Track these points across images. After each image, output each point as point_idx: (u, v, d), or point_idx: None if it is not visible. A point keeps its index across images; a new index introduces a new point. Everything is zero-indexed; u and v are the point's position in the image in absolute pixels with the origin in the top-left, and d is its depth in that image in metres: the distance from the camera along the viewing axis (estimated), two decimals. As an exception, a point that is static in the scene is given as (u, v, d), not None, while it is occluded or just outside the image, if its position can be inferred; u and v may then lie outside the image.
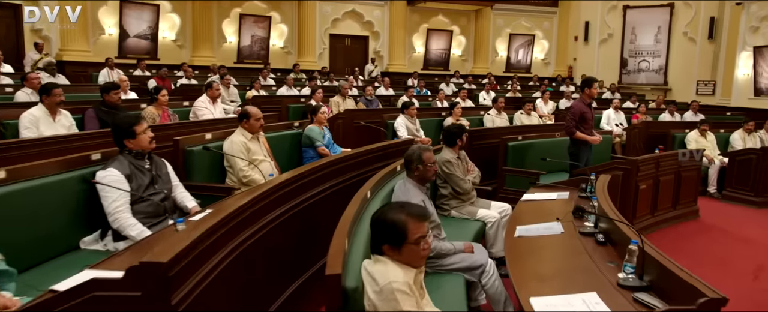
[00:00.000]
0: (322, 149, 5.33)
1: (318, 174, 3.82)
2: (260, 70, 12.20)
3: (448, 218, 4.49)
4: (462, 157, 4.76)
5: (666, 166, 6.04)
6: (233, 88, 8.90)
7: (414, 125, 6.98)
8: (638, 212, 5.70)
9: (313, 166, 3.82)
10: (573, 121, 5.71)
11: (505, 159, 6.19)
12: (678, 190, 6.30)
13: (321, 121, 5.58)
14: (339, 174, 4.21)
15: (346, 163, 4.32)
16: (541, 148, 6.53)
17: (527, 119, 8.47)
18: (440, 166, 4.51)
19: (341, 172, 4.24)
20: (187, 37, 14.03)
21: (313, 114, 5.54)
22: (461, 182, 4.48)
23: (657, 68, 16.41)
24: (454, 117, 7.59)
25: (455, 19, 17.95)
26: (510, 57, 18.65)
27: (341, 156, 4.37)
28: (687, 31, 15.77)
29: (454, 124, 4.63)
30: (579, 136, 5.71)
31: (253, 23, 15.15)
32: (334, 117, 7.45)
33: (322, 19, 15.99)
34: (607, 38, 17.14)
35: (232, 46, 14.94)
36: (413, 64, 17.47)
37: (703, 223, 6.52)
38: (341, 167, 4.24)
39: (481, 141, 6.53)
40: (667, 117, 9.97)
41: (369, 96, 8.71)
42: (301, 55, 15.65)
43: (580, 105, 5.78)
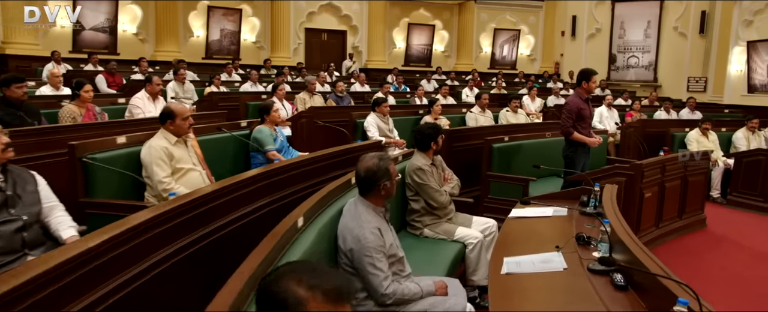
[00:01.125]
0: (272, 154, 4.49)
1: (249, 187, 2.99)
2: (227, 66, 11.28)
3: (420, 239, 3.68)
4: (437, 164, 3.95)
5: (672, 170, 5.30)
6: (189, 85, 8.01)
7: (386, 124, 6.16)
8: (642, 224, 4.95)
9: (242, 179, 2.98)
10: (570, 119, 4.94)
11: (490, 163, 5.40)
12: (684, 197, 5.57)
13: (274, 121, 4.73)
14: (282, 186, 3.38)
15: (293, 172, 3.49)
16: (531, 150, 5.76)
17: (514, 117, 7.70)
18: (410, 174, 3.70)
19: (285, 183, 3.40)
20: (149, 30, 13.06)
21: (265, 113, 4.69)
22: (436, 194, 3.67)
23: (647, 64, 15.79)
24: (432, 115, 6.79)
25: (437, 13, 17.17)
26: (495, 53, 17.92)
27: (285, 164, 3.53)
28: (677, 25, 15.17)
29: (427, 124, 3.83)
30: (577, 137, 4.95)
31: (223, 16, 14.21)
32: (296, 116, 6.61)
33: (296, 13, 15.10)
34: (594, 33, 16.49)
35: (199, 41, 13.99)
36: (394, 60, 16.66)
37: (711, 234, 5.80)
38: (285, 178, 3.41)
39: (463, 143, 5.73)
40: (663, 115, 9.27)
41: (340, 93, 7.87)
42: (275, 51, 14.75)
43: (577, 101, 5.01)
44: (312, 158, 3.85)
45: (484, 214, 5.37)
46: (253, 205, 3.13)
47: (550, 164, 5.79)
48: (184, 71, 7.76)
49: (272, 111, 4.68)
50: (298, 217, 2.16)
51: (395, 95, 9.56)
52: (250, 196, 3.12)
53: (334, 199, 2.71)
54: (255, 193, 3.17)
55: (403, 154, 4.02)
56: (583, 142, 5.00)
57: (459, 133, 5.73)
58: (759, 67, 13.18)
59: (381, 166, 2.48)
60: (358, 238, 2.34)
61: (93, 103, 4.99)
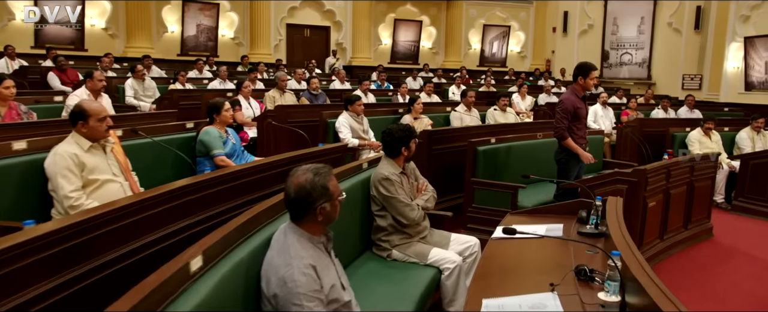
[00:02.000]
0: (220, 159, 3.87)
1: (171, 202, 2.37)
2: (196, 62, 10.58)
3: (387, 263, 3.08)
4: (409, 172, 3.35)
5: (678, 175, 4.74)
6: (150, 82, 7.38)
7: (360, 125, 5.56)
8: (646, 238, 4.38)
9: (161, 191, 2.37)
10: (564, 119, 4.36)
11: (474, 168, 4.81)
12: (690, 205, 5.01)
13: (225, 122, 4.11)
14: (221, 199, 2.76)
15: (234, 182, 2.88)
16: (521, 153, 5.18)
17: (502, 117, 7.12)
18: (375, 185, 3.10)
19: (224, 196, 2.79)
20: (120, 25, 12.35)
21: (214, 112, 4.07)
22: (406, 209, 3.07)
23: (640, 61, 15.30)
24: (413, 114, 6.19)
25: (425, 9, 16.57)
26: (484, 50, 17.37)
27: (222, 173, 2.91)
28: (672, 21, 14.69)
29: (397, 125, 3.24)
30: (570, 146, 4.37)
31: (199, 11, 13.53)
32: (262, 116, 5.99)
33: (277, 8, 14.45)
34: (587, 29, 15.97)
35: (174, 37, 13.30)
36: (379, 57, 16.06)
37: (719, 245, 5.25)
38: (225, 189, 2.80)
39: (444, 145, 5.14)
40: (660, 113, 8.74)
41: (314, 90, 7.25)
42: (254, 47, 14.09)
43: (573, 98, 4.43)
44: (259, 166, 3.25)
45: (469, 225, 4.81)
46: (175, 225, 2.51)
47: (542, 169, 5.23)
48: (142, 67, 7.12)
49: (223, 110, 4.07)
50: (193, 256, 1.54)
51: (377, 93, 8.96)
52: (173, 213, 2.51)
53: (263, 224, 2.09)
54: (180, 210, 2.56)
55: (369, 160, 3.41)
56: (579, 141, 4.43)
57: (440, 134, 5.13)
58: (757, 63, 12.72)
59: (317, 182, 1.86)
60: (284, 280, 1.73)
61: (18, 101, 4.34)
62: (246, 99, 6.44)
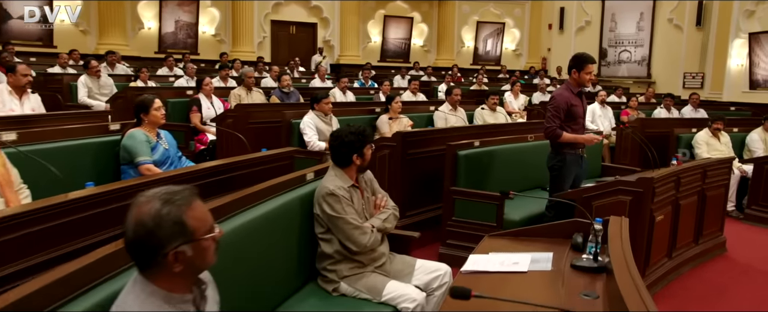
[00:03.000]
0: (145, 167, 3.24)
1: (52, 222, 1.75)
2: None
3: (333, 298, 2.46)
4: (364, 184, 2.72)
5: (688, 183, 4.12)
6: (107, 79, 6.76)
7: (329, 126, 4.93)
8: (653, 257, 3.76)
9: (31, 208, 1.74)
10: (556, 118, 3.75)
11: (455, 175, 4.19)
12: (702, 217, 4.39)
13: (156, 123, 3.48)
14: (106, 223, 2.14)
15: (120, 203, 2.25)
16: (509, 157, 4.56)
17: (491, 117, 6.50)
18: (318, 202, 2.48)
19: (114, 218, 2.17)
20: (92, 21, 11.70)
21: (141, 111, 3.44)
22: (355, 233, 2.45)
23: (639, 59, 14.69)
24: (390, 114, 5.57)
25: (416, 5, 15.95)
26: (477, 48, 16.76)
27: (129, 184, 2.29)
28: (672, 17, 14.08)
29: (348, 128, 2.62)
30: (567, 138, 3.75)
31: (177, 6, 12.89)
32: (221, 116, 5.37)
33: (261, 3, 13.82)
34: (584, 26, 15.36)
35: (151, 33, 12.65)
36: (369, 55, 15.42)
37: (733, 261, 4.64)
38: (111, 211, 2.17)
39: (421, 149, 4.51)
40: (663, 113, 8.13)
41: (285, 88, 6.61)
42: (237, 45, 13.46)
43: (567, 95, 3.81)
44: (180, 174, 2.62)
45: (448, 240, 4.19)
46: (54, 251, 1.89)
47: (534, 175, 4.63)
48: (97, 63, 6.49)
49: (152, 109, 3.43)
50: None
51: (359, 91, 8.35)
52: (55, 236, 1.88)
53: (115, 271, 1.46)
54: (67, 232, 1.93)
55: (315, 169, 2.78)
56: (576, 145, 3.81)
57: (416, 136, 4.50)
58: (762, 61, 12.13)
59: (165, 216, 1.22)
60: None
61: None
62: (208, 98, 5.81)
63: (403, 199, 4.39)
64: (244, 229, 2.10)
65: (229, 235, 1.90)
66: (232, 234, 1.98)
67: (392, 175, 4.39)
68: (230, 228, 2.00)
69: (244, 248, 2.07)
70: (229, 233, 1.93)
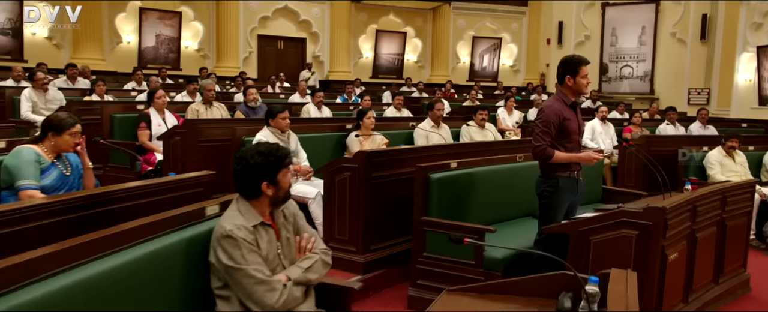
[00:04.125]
0: (26, 194, 2.58)
1: None
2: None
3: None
4: (283, 222, 2.05)
5: (706, 212, 3.44)
6: (55, 93, 6.16)
7: (286, 144, 4.26)
8: (666, 303, 3.06)
9: None
10: (546, 134, 3.09)
11: (426, 203, 3.51)
12: (722, 252, 3.70)
13: (61, 148, 2.83)
14: None
15: None
16: (493, 181, 3.89)
17: (479, 134, 5.85)
18: (214, 247, 1.81)
19: None
20: (66, 34, 11.16)
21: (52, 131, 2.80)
22: (259, 290, 1.79)
23: (642, 74, 14.08)
24: (362, 131, 4.92)
25: (409, 20, 15.43)
26: (473, 63, 16.18)
27: None
28: (675, 31, 13.51)
29: (256, 145, 1.97)
30: (561, 158, 3.09)
31: (159, 20, 12.37)
32: (168, 133, 4.72)
33: (247, 17, 13.30)
34: (583, 41, 14.78)
35: (130, 48, 12.11)
36: (360, 70, 14.85)
37: (759, 302, 3.95)
38: None
39: (389, 171, 3.84)
40: (669, 129, 7.47)
41: (251, 102, 5.98)
42: (221, 60, 12.92)
43: (557, 106, 3.17)
44: (45, 204, 1.96)
45: (419, 280, 3.51)
46: None
47: (522, 203, 3.95)
48: (43, 76, 5.88)
49: (66, 133, 2.81)
50: None
51: (338, 107, 7.74)
52: None
53: None
54: None
55: (222, 201, 2.11)
56: (570, 166, 3.15)
57: (382, 156, 3.82)
58: (772, 75, 11.51)
59: None
60: None
61: None
62: (159, 113, 5.17)
63: (367, 230, 3.72)
64: (104, 281, 1.45)
65: (81, 288, 1.27)
66: (85, 286, 1.33)
67: (354, 202, 3.72)
68: (82, 278, 1.35)
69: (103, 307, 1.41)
70: (82, 284, 1.29)
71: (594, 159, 3.15)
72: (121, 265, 1.59)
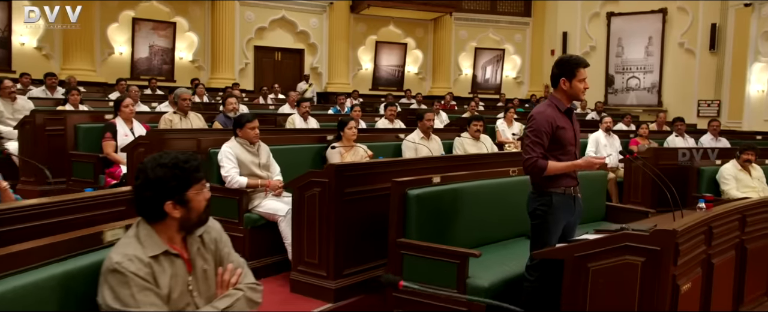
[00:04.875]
0: None
1: None
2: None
3: None
4: (198, 251, 1.65)
5: (723, 234, 3.01)
6: (25, 103, 5.84)
7: (256, 156, 3.89)
8: (678, 342, 2.62)
9: None
10: (537, 145, 2.71)
11: (403, 222, 3.11)
12: (742, 279, 3.26)
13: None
14: None
15: None
16: (481, 198, 3.48)
17: (473, 146, 5.45)
18: (100, 285, 1.41)
19: None
20: (55, 44, 10.90)
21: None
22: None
23: (649, 86, 13.67)
24: (343, 142, 4.53)
25: (410, 30, 15.12)
26: (476, 75, 15.83)
27: None
28: (683, 41, 13.12)
29: (159, 155, 1.59)
30: (555, 169, 2.70)
31: (152, 31, 12.12)
32: (132, 144, 4.36)
33: (243, 28, 13.03)
34: (589, 51, 14.39)
35: (122, 59, 11.85)
36: (359, 82, 14.54)
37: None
38: None
39: (364, 187, 3.44)
40: (678, 142, 7.02)
41: (231, 112, 5.62)
42: (216, 71, 12.63)
43: (550, 113, 2.78)
44: None
45: (395, 310, 3.09)
46: None
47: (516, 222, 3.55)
48: (11, 84, 5.57)
49: None
50: None
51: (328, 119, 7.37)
52: None
53: None
54: None
55: (126, 224, 1.72)
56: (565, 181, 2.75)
57: (355, 170, 3.42)
58: (786, 86, 11.06)
59: None
60: None
61: None
62: (127, 123, 4.82)
63: (339, 252, 3.31)
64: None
65: None
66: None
67: (324, 221, 3.32)
68: None
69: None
70: None
71: (594, 164, 2.75)
72: None
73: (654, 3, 13.27)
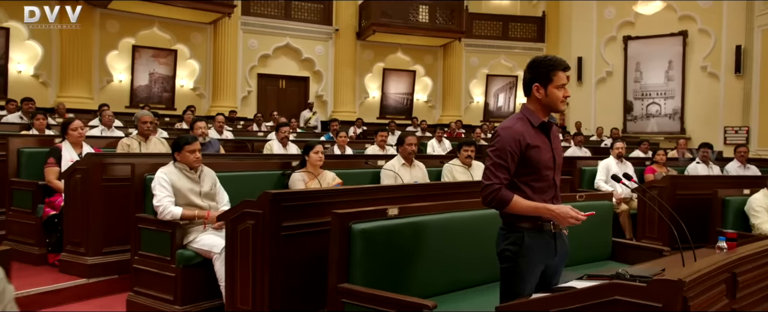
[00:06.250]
0: None
1: None
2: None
3: None
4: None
5: (752, 281, 2.35)
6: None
7: (197, 183, 3.37)
8: None
9: None
10: (500, 169, 2.14)
11: (346, 264, 2.52)
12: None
13: None
14: None
15: None
16: (451, 233, 2.88)
17: (464, 174, 4.86)
18: None
19: None
20: (52, 71, 10.73)
21: None
22: None
23: (671, 112, 12.92)
24: (308, 168, 4.00)
25: (418, 57, 14.72)
26: (488, 103, 15.29)
27: None
28: (706, 64, 12.41)
29: None
30: (519, 209, 2.11)
31: (152, 58, 11.94)
32: (70, 170, 3.89)
33: (246, 55, 12.79)
34: (605, 77, 13.79)
35: (122, 86, 11.65)
36: (367, 111, 14.13)
37: None
38: None
39: (307, 220, 2.87)
40: (701, 169, 6.31)
41: (200, 137, 5.12)
42: (218, 99, 12.34)
43: (519, 127, 2.21)
44: None
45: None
46: None
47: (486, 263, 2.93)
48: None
49: None
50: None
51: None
52: None
53: None
54: None
55: None
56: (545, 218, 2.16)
57: (295, 200, 2.85)
58: (820, 110, 10.24)
59: None
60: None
61: None
62: (75, 147, 4.37)
63: (274, 298, 2.74)
64: None
65: None
66: None
67: (259, 260, 2.76)
68: None
69: None
70: None
71: (570, 220, 2.11)
72: None
73: (673, 25, 12.65)
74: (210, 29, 12.31)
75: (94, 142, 4.81)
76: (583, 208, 3.72)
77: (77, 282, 3.65)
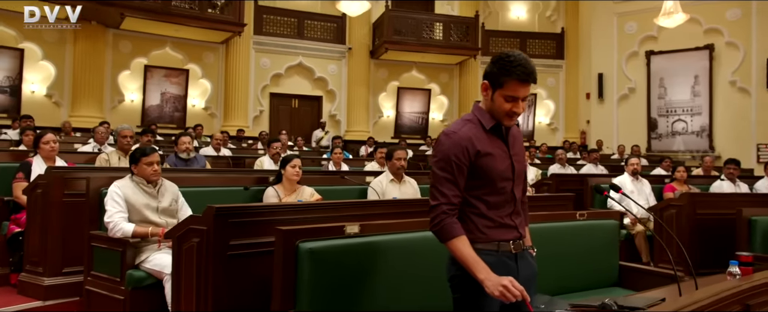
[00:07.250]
0: None
1: None
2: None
3: None
4: None
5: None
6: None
7: (154, 198, 3.11)
8: None
9: None
10: (448, 185, 1.80)
11: (293, 288, 2.20)
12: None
13: None
14: None
15: None
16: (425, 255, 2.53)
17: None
18: None
19: None
20: (65, 91, 10.79)
21: None
22: None
23: (698, 129, 12.30)
24: (285, 184, 3.72)
25: (434, 76, 14.46)
26: (506, 122, 14.81)
27: None
28: (735, 79, 11.83)
29: None
30: (460, 254, 1.75)
31: (164, 78, 11.95)
32: (31, 185, 3.69)
33: (258, 75, 12.73)
34: (628, 93, 13.27)
35: (133, 106, 11.66)
36: (381, 130, 13.88)
37: None
38: None
39: (259, 239, 2.56)
40: (726, 187, 5.81)
41: (184, 153, 4.93)
42: (229, 118, 12.26)
43: (466, 131, 1.86)
44: None
45: None
46: None
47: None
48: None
49: None
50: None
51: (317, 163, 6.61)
52: None
53: None
54: None
55: None
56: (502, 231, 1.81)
57: (243, 215, 2.55)
58: None
59: None
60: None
61: None
62: (47, 161, 4.19)
63: (217, 328, 2.42)
64: None
65: None
66: None
67: (202, 282, 2.46)
68: None
69: None
70: None
71: (504, 293, 1.67)
72: None
73: (698, 39, 12.12)
74: (222, 48, 12.30)
75: (74, 157, 4.64)
76: (583, 228, 3.32)
77: (32, 305, 3.40)
